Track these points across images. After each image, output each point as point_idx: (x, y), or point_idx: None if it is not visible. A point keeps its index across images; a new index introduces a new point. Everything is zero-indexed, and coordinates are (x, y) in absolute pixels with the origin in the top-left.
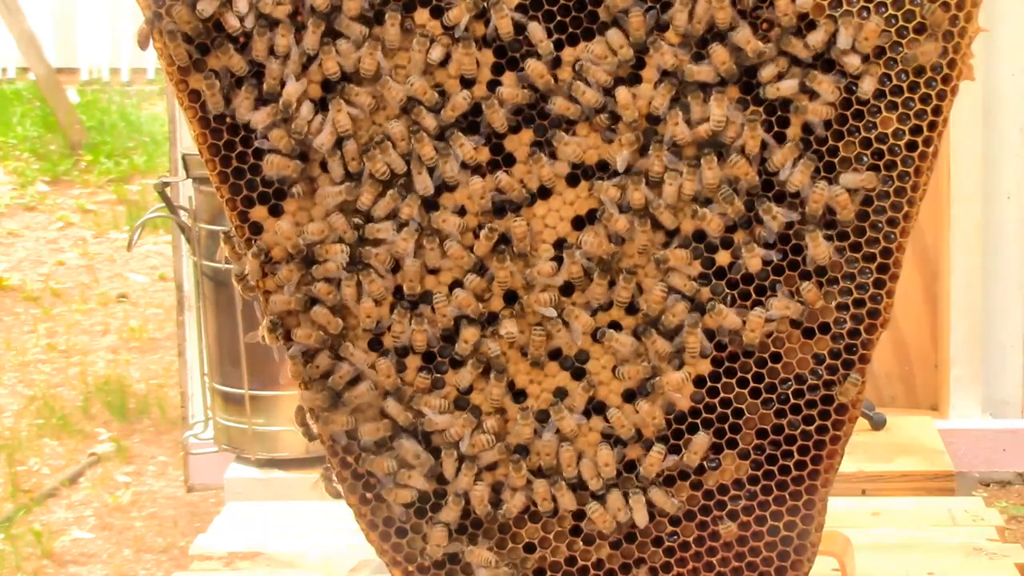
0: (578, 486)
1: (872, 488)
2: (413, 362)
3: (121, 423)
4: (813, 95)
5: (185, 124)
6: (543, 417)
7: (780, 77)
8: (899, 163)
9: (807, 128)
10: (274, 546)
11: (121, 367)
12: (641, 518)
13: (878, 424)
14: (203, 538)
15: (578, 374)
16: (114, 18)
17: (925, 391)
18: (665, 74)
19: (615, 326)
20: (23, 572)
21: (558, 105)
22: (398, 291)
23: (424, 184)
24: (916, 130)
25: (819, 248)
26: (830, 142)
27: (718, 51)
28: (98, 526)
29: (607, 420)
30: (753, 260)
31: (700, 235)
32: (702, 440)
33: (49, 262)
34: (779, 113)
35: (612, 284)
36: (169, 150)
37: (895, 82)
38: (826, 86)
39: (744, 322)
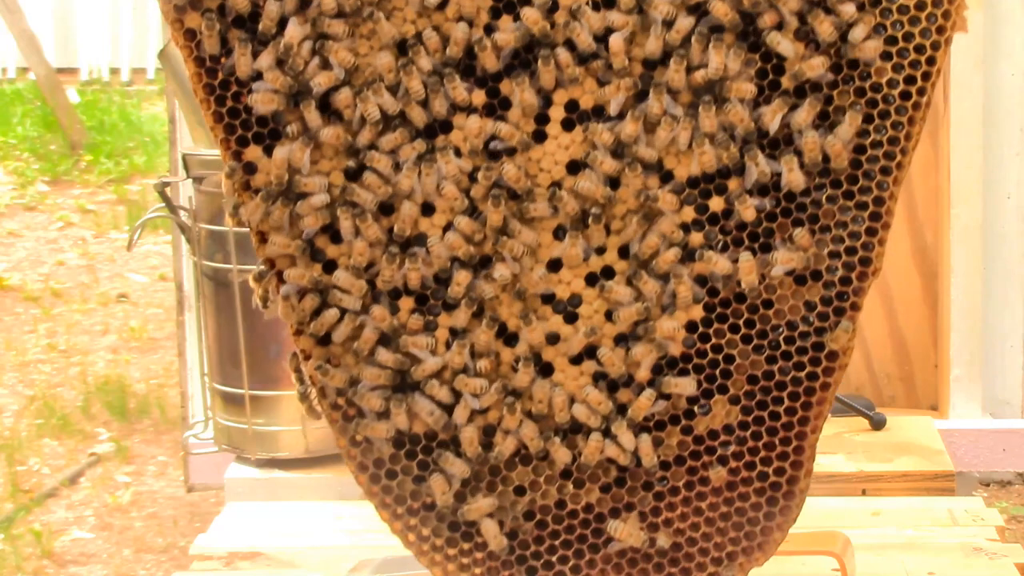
0: (571, 431)
1: (872, 488)
2: (407, 304)
3: (121, 423)
4: (810, 41)
5: (185, 124)
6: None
7: (779, 27)
8: (893, 112)
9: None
10: (274, 546)
11: (121, 367)
12: (628, 441)
13: (878, 424)
14: (203, 538)
15: (570, 318)
16: (114, 18)
17: (925, 391)
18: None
19: (608, 271)
20: (23, 572)
21: (561, 59)
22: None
23: (419, 116)
24: (910, 80)
25: (794, 174)
26: (825, 90)
27: (717, 5)
28: (98, 526)
29: (599, 361)
30: (747, 210)
31: (693, 182)
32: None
33: (49, 262)
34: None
35: (608, 230)
36: (169, 150)
37: (890, 31)
38: (826, 26)
39: (736, 267)
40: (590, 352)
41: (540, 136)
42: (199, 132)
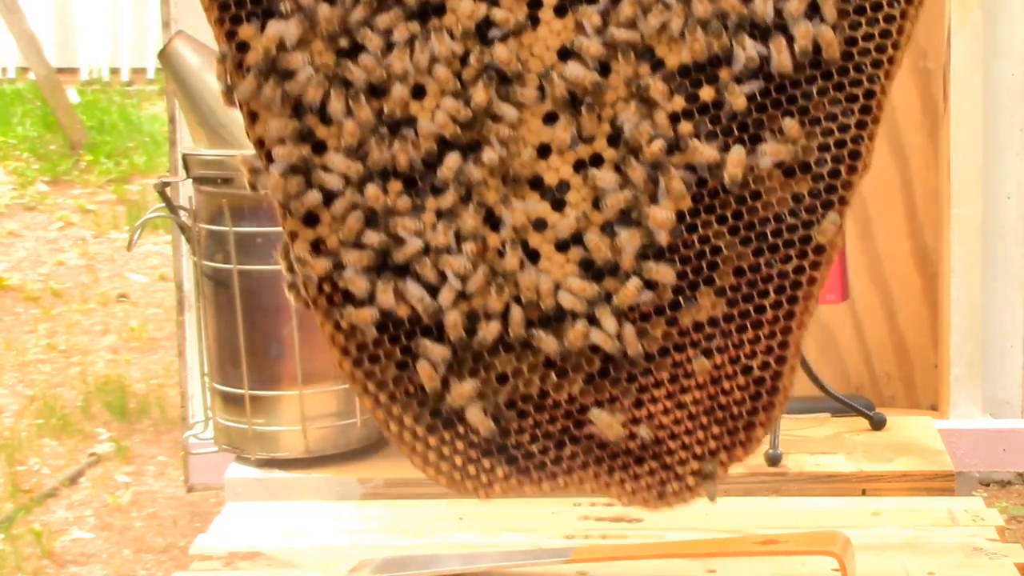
0: (555, 318)
1: (872, 488)
2: (395, 187)
3: (121, 423)
4: None
5: (185, 124)
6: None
7: None
8: (885, 4)
9: None
10: (274, 546)
11: (121, 367)
12: (611, 325)
13: (878, 424)
14: (203, 538)
15: (558, 205)
16: (114, 18)
17: (925, 391)
18: None
19: (597, 159)
20: (23, 572)
21: None
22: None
23: None
24: None
25: (783, 56)
26: None
27: None
28: (98, 526)
29: (585, 247)
30: (737, 99)
31: (684, 71)
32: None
33: (49, 262)
34: None
35: (600, 118)
36: (169, 150)
37: None
38: None
39: (724, 157)
40: (577, 240)
41: (533, 21)
42: (199, 132)
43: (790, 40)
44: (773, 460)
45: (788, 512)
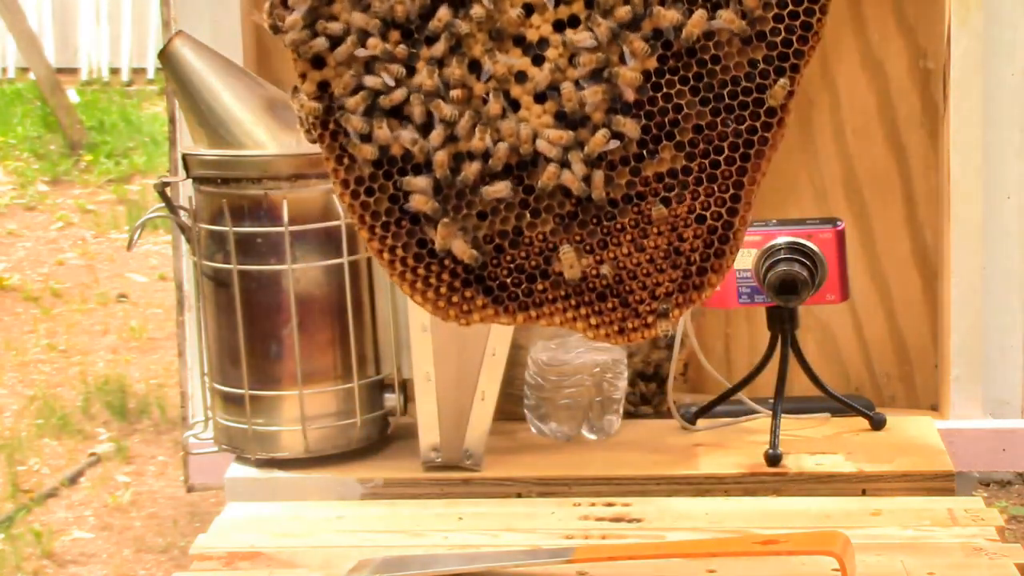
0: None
1: (872, 488)
2: (394, 36)
3: (121, 423)
4: None
5: (185, 124)
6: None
7: None
8: None
9: None
10: (274, 546)
11: (121, 367)
12: (580, 169)
13: (878, 424)
14: (203, 538)
15: (537, 61)
16: (114, 18)
17: (925, 391)
18: None
19: (575, 19)
20: (23, 572)
21: None
22: None
23: None
24: None
25: None
26: None
27: None
28: (98, 526)
29: (559, 94)
30: None
31: None
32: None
33: (49, 262)
34: None
35: None
36: (169, 150)
37: None
38: None
39: (685, 20)
40: (553, 92)
41: None
42: (199, 132)
43: None
44: (773, 460)
45: (788, 512)
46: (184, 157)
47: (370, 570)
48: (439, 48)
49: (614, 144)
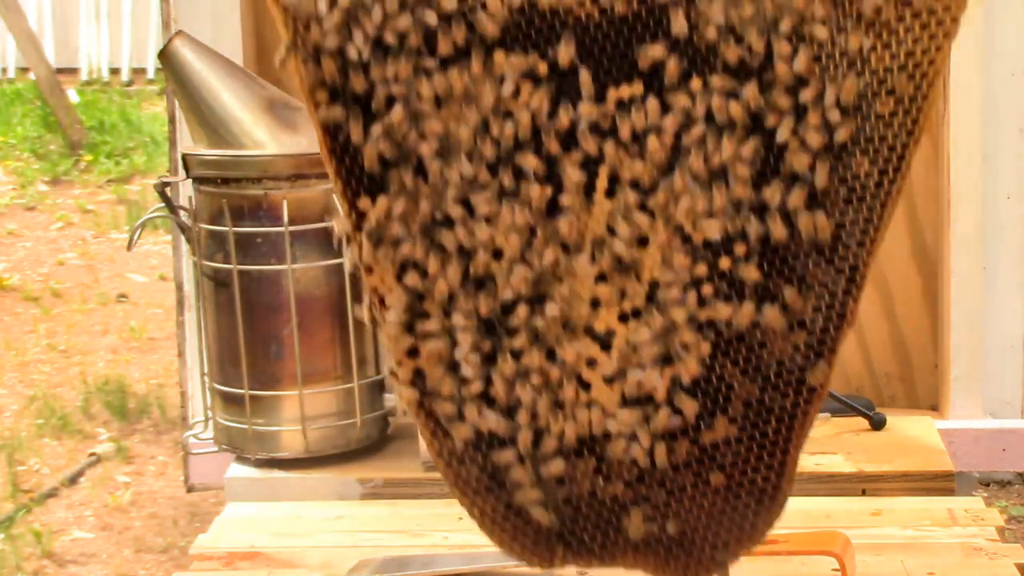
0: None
1: (872, 488)
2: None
3: (121, 423)
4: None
5: (185, 124)
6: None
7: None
8: (868, 197)
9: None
10: (274, 546)
11: (121, 367)
12: (647, 443)
13: (878, 424)
14: (203, 538)
15: (605, 347)
16: (114, 18)
17: (925, 391)
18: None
19: (636, 312)
20: (23, 572)
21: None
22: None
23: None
24: (883, 171)
25: (778, 229)
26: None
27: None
28: (98, 526)
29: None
30: (751, 271)
31: (707, 244)
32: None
33: (49, 262)
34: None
35: (638, 278)
36: (169, 150)
37: (867, 132)
38: (814, 135)
39: (736, 312)
40: (621, 375)
41: (588, 201)
42: (199, 132)
43: (791, 223)
44: None
45: (788, 512)
46: (184, 157)
47: (370, 570)
48: (519, 340)
49: (675, 420)
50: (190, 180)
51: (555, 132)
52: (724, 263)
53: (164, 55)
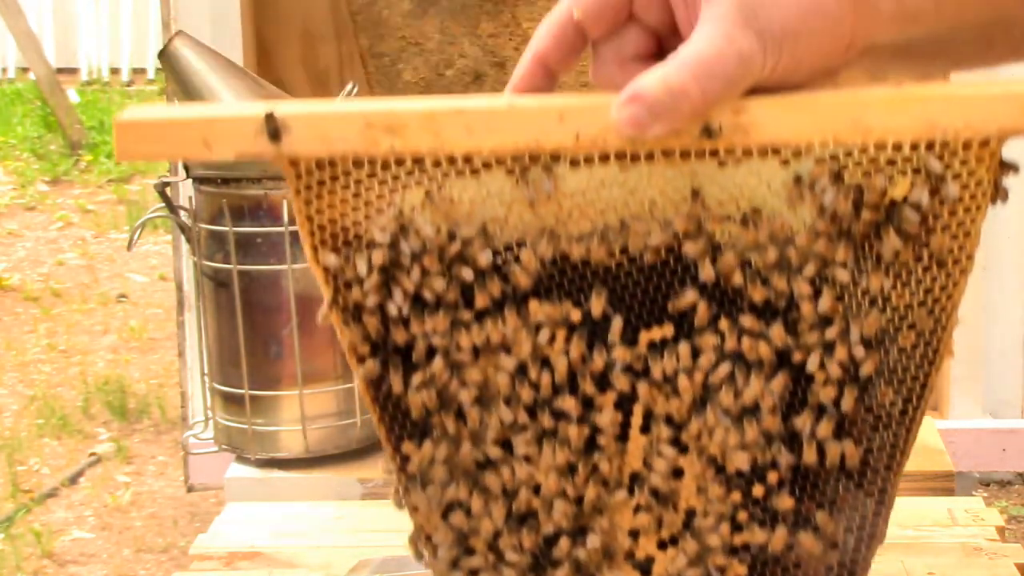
0: None
1: None
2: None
3: (121, 423)
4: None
5: None
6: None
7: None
8: (893, 425)
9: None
10: (274, 546)
11: (121, 367)
12: None
13: None
14: (203, 538)
15: (645, 572)
16: (114, 18)
17: None
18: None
19: (674, 539)
20: (23, 572)
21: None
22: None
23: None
24: (907, 399)
25: (810, 456)
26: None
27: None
28: (98, 526)
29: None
30: (784, 501)
31: (739, 474)
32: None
33: (49, 262)
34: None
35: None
36: None
37: (890, 364)
38: (835, 368)
39: (770, 539)
40: None
41: (624, 438)
42: None
43: (820, 450)
44: None
45: None
46: None
47: (370, 570)
48: (562, 571)
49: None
50: (190, 180)
51: (590, 375)
52: (757, 491)
53: (164, 55)
